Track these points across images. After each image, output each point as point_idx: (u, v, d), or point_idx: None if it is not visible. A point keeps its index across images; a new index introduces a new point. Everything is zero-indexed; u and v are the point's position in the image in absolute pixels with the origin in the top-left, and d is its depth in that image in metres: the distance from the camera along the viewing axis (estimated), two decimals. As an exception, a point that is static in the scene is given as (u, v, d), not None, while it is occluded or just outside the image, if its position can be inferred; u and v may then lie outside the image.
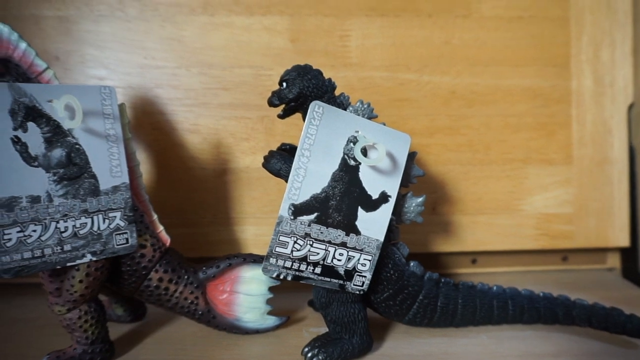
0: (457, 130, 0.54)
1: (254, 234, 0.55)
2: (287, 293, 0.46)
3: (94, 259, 0.39)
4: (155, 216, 0.43)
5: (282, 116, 0.40)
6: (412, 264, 0.43)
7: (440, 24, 0.54)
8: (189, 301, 0.43)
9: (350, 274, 0.39)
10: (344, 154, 0.37)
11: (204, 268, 0.44)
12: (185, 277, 0.43)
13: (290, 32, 0.54)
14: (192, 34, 0.53)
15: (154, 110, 0.53)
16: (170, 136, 0.54)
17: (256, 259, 0.44)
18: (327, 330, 0.41)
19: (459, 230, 0.56)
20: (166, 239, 0.43)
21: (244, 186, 0.54)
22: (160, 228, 0.43)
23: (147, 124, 0.53)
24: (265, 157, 0.40)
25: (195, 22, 0.53)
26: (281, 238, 0.37)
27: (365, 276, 0.39)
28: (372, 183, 0.38)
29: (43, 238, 0.36)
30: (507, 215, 0.55)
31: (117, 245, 0.40)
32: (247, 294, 0.44)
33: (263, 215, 0.54)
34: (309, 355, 0.39)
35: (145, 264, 0.41)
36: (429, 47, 0.54)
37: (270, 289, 0.44)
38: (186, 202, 0.54)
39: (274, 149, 0.54)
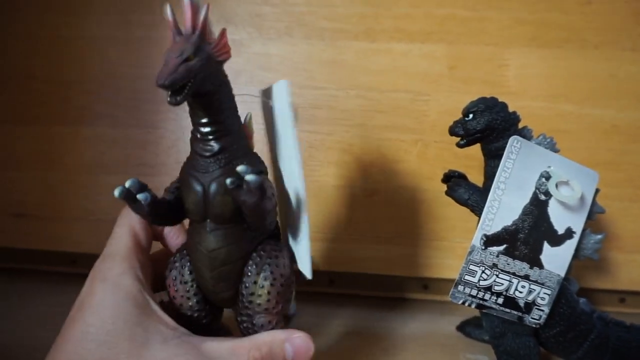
0: (618, 166, 0.53)
1: (399, 254, 0.55)
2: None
3: None
4: None
5: (462, 146, 0.41)
6: (581, 300, 0.42)
7: (606, 56, 0.53)
8: None
9: (529, 306, 0.39)
10: (536, 188, 0.38)
11: None
12: None
13: (449, 59, 0.54)
14: (353, 58, 0.55)
15: (311, 129, 0.56)
16: (324, 154, 0.56)
17: None
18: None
19: (612, 268, 0.54)
20: None
21: (391, 207, 0.56)
22: None
23: (304, 141, 0.56)
24: (449, 186, 0.40)
25: (356, 47, 0.55)
26: (471, 267, 0.37)
27: (543, 310, 0.39)
28: (559, 218, 0.38)
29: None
30: (668, 256, 0.53)
31: None
32: None
33: (409, 236, 0.55)
34: None
35: None
36: (591, 79, 0.53)
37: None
38: (335, 218, 0.56)
39: (425, 173, 0.55)
